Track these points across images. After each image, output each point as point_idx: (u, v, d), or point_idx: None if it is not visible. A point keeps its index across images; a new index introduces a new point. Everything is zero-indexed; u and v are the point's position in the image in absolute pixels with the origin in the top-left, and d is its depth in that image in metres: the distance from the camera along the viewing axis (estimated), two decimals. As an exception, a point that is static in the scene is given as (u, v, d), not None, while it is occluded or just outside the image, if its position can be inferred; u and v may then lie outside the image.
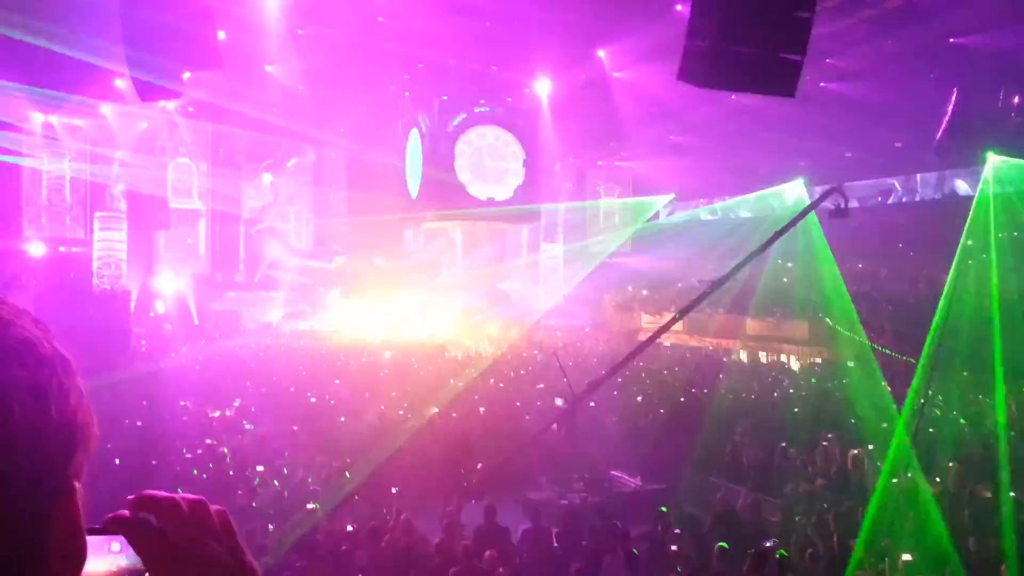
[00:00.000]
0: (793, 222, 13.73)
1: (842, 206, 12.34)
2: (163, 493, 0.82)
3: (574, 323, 30.78)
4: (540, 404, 14.33)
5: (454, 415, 13.59)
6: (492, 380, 17.53)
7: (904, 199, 26.09)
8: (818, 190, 19.32)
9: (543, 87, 27.16)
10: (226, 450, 11.02)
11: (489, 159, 26.96)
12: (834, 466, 10.57)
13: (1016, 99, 20.84)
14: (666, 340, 20.74)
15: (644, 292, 30.34)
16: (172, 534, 0.79)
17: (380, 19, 21.51)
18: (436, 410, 13.88)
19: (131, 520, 0.79)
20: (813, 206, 14.56)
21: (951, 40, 20.39)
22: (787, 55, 7.18)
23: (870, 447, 10.90)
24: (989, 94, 20.96)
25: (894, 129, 24.10)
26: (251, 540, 8.21)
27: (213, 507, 0.84)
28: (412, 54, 24.65)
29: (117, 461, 9.80)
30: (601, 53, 22.95)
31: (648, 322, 25.99)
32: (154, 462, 10.23)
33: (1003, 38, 18.91)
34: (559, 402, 13.03)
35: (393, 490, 9.79)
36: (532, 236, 34.30)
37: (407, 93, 27.63)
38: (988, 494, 9.18)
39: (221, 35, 15.82)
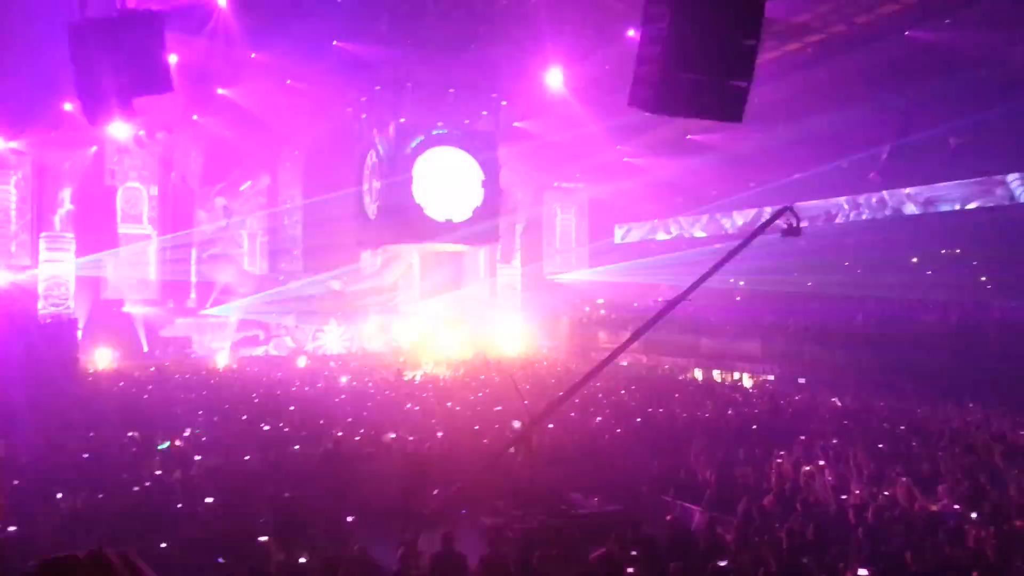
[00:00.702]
0: (746, 241, 13.91)
1: (794, 225, 12.54)
2: (63, 555, 0.82)
3: (532, 344, 30.84)
4: (498, 427, 14.29)
5: (411, 439, 13.47)
6: (450, 403, 17.44)
7: (851, 217, 26.75)
8: (768, 210, 19.72)
9: (500, 109, 27.37)
10: (178, 479, 10.78)
11: (447, 181, 26.98)
12: (787, 483, 10.72)
13: (957, 120, 21.58)
14: (623, 360, 20.87)
15: (602, 312, 30.56)
16: None
17: (335, 42, 21.51)
18: (393, 435, 13.75)
19: None
20: (766, 225, 14.79)
21: (894, 65, 21.06)
22: (734, 81, 7.33)
23: (821, 463, 11.09)
24: (929, 117, 21.70)
25: (840, 151, 24.79)
26: (202, 574, 8.01)
27: (112, 552, 0.84)
28: (368, 77, 24.69)
29: (60, 495, 9.52)
30: (557, 76, 23.23)
31: (605, 342, 26.15)
32: (100, 496, 9.93)
33: (945, 63, 19.58)
34: (516, 424, 13.01)
35: (349, 519, 9.64)
36: (490, 258, 34.34)
37: (364, 115, 27.58)
38: (935, 508, 9.39)
39: (172, 58, 15.69)
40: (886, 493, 9.93)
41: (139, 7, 9.49)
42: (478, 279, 34.54)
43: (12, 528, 8.61)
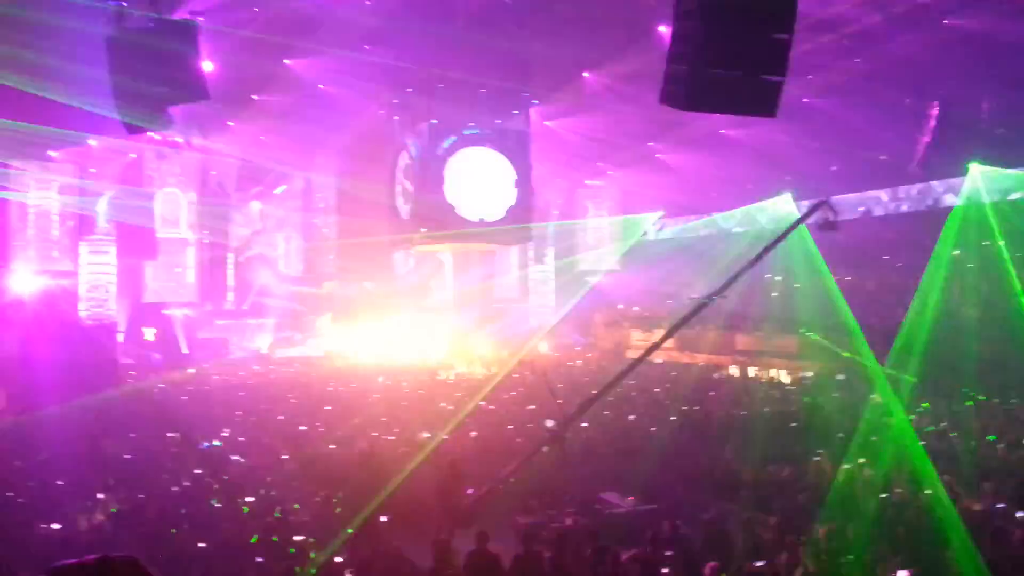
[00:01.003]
0: (782, 236, 13.72)
1: (831, 219, 12.35)
2: (71, 562, 0.83)
3: (565, 342, 30.75)
4: (531, 426, 14.27)
5: (445, 438, 13.51)
6: (483, 402, 17.45)
7: (890, 210, 26.26)
8: (805, 204, 19.41)
9: (531, 108, 27.35)
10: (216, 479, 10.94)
11: (480, 180, 27.01)
12: (826, 482, 10.54)
13: (997, 109, 21.06)
14: (657, 357, 20.71)
15: (635, 309, 30.36)
16: None
17: (366, 46, 21.64)
18: (428, 435, 13.81)
19: None
20: (801, 220, 14.57)
21: (931, 54, 20.61)
22: (767, 76, 7.22)
23: (861, 461, 10.88)
24: (971, 105, 21.20)
25: (878, 142, 24.32)
26: (241, 574, 8.11)
27: (119, 557, 0.85)
28: (400, 78, 24.82)
29: (101, 496, 9.72)
30: (587, 74, 23.18)
31: (639, 339, 25.98)
32: (142, 496, 10.12)
33: (983, 50, 19.12)
34: (549, 423, 12.98)
35: (383, 518, 9.70)
36: (522, 257, 34.31)
37: (396, 117, 27.72)
38: (978, 506, 9.16)
39: (208, 66, 15.94)
40: (927, 492, 9.71)
41: (174, 17, 9.64)
42: (511, 278, 34.53)
43: (56, 526, 8.82)
